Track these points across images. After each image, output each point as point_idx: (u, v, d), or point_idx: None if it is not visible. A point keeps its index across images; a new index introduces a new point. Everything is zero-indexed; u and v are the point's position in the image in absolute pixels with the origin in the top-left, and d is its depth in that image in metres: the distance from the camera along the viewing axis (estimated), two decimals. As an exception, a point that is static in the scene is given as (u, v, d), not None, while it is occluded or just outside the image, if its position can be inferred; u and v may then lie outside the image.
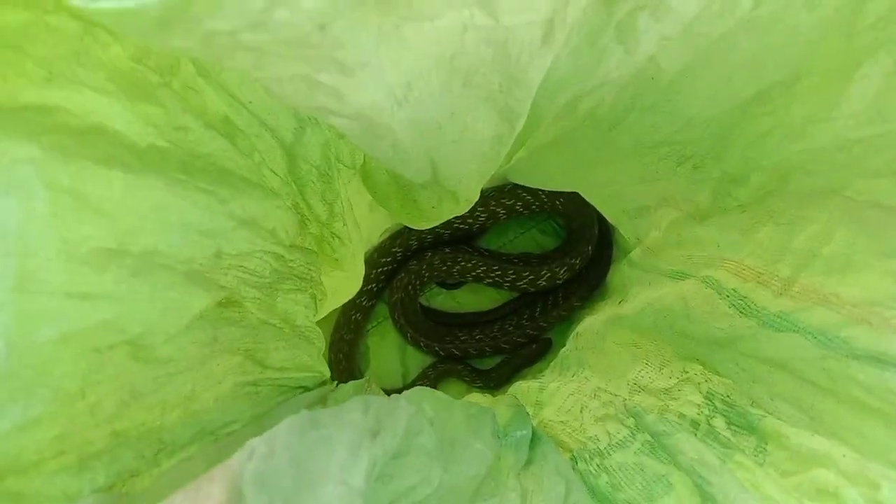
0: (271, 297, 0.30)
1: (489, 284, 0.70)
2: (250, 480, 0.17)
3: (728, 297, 0.39)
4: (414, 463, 0.24)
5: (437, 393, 0.34)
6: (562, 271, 0.67)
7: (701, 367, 0.40)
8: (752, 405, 0.34)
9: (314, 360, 0.32)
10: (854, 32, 0.29)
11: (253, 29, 0.18)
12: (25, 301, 0.17)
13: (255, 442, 0.18)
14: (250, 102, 0.29)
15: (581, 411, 0.47)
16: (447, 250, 0.69)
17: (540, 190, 0.67)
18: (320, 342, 0.34)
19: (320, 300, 0.35)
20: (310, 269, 0.34)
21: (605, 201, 0.62)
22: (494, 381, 0.67)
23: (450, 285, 0.72)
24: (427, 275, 0.70)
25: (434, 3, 0.20)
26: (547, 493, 0.31)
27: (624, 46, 0.30)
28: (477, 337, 0.68)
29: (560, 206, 0.69)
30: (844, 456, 0.28)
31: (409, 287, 0.69)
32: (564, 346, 0.64)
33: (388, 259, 0.68)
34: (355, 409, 0.23)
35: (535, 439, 0.37)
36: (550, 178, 0.63)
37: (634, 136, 0.42)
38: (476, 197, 0.43)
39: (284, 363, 0.30)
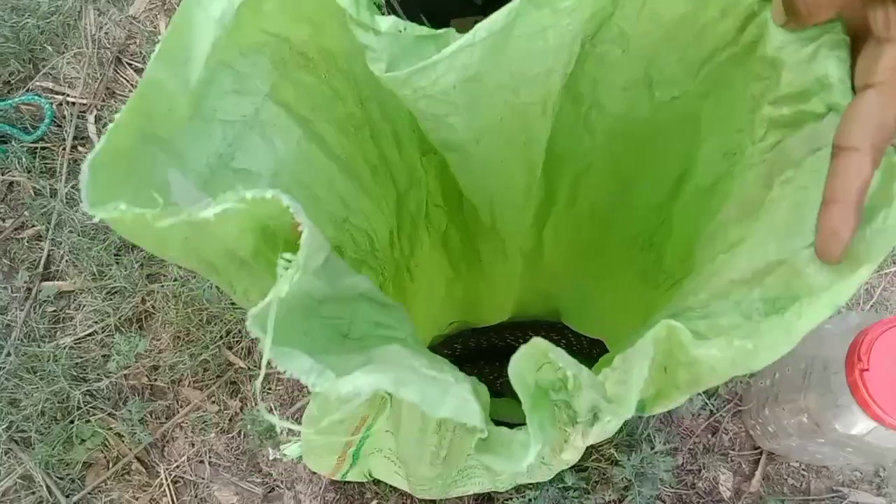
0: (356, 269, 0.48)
1: (525, 402, 0.82)
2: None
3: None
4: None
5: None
6: (588, 406, 0.78)
7: None
8: None
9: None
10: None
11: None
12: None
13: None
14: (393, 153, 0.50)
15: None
16: (497, 363, 0.84)
17: (583, 336, 0.82)
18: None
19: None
20: (384, 273, 0.52)
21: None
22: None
23: (493, 394, 0.84)
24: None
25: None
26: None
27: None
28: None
29: (595, 356, 0.82)
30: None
31: (459, 384, 0.82)
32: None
33: (448, 352, 0.84)
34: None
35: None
36: (593, 327, 0.79)
37: (623, 230, 0.56)
38: (516, 270, 0.59)
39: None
